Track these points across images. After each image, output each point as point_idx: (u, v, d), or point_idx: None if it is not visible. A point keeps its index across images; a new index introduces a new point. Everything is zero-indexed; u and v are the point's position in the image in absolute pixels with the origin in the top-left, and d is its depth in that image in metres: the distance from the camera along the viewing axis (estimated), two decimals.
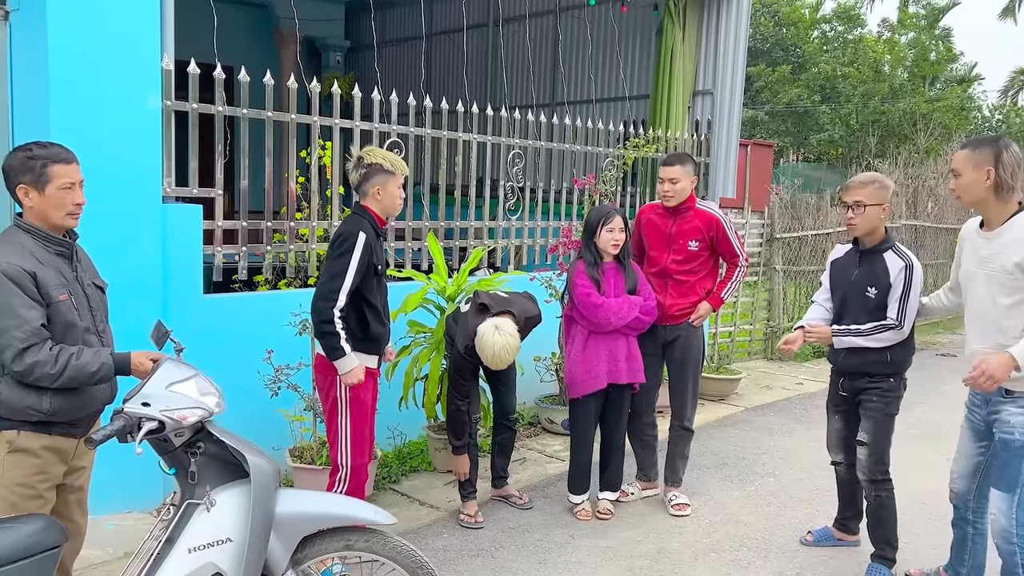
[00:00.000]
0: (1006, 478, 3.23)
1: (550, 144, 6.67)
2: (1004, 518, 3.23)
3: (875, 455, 3.86)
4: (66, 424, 2.72)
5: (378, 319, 3.72)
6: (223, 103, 4.67)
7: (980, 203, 3.28)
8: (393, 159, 3.74)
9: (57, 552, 2.31)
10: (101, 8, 3.93)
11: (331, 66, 12.50)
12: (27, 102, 4.05)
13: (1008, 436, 3.22)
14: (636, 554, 4.14)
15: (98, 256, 3.13)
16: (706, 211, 4.64)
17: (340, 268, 3.55)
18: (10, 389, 2.60)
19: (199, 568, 2.43)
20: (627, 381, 4.36)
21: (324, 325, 3.54)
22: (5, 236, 2.71)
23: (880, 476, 3.88)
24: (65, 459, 2.78)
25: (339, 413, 3.68)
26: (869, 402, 3.85)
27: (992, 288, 3.21)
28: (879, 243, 3.82)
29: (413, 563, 2.74)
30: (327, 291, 3.55)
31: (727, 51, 7.95)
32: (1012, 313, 3.16)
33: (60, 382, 2.59)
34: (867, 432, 3.87)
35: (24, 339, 2.53)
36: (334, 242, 3.67)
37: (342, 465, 3.71)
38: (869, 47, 24.71)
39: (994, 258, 3.20)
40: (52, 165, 2.68)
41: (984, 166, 3.19)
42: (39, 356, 2.55)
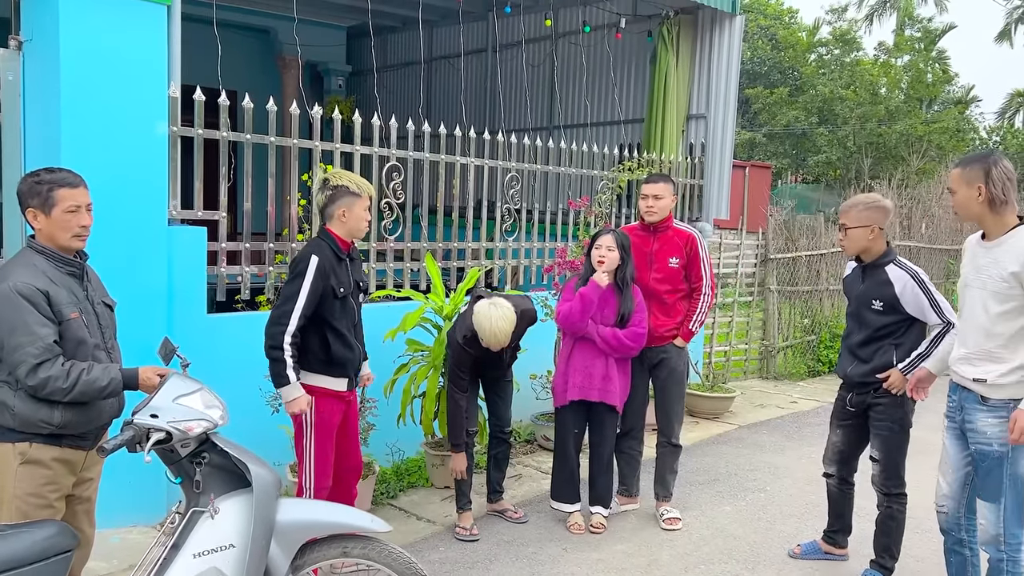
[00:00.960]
0: (990, 488, 3.31)
1: (546, 167, 6.84)
2: (992, 527, 3.31)
3: (887, 470, 3.97)
4: (75, 436, 2.84)
5: (342, 342, 3.74)
6: (227, 129, 4.82)
7: (977, 218, 3.35)
8: (359, 181, 3.79)
9: (69, 556, 2.43)
10: (111, 39, 4.10)
11: (333, 90, 12.72)
12: (39, 128, 4.21)
13: (986, 447, 3.31)
14: (627, 566, 4.24)
15: (107, 276, 3.27)
16: (683, 229, 4.82)
17: (291, 292, 3.57)
18: (23, 402, 2.72)
19: (203, 572, 2.55)
20: (597, 400, 4.48)
21: (272, 351, 3.55)
22: (20, 257, 2.85)
23: (895, 491, 3.99)
24: (74, 470, 2.90)
25: (304, 435, 3.73)
26: (878, 419, 3.96)
27: (985, 295, 3.29)
28: (878, 258, 3.96)
29: (408, 570, 2.85)
30: (278, 315, 3.57)
31: (720, 76, 8.13)
32: (1001, 320, 3.24)
33: (71, 396, 2.71)
34: (878, 449, 3.98)
35: (38, 355, 2.66)
36: (291, 266, 3.71)
37: (306, 488, 3.75)
38: (865, 70, 24.98)
39: (990, 267, 3.28)
40: (58, 189, 2.81)
41: (975, 183, 3.28)
42: (52, 371, 2.67)
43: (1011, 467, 3.26)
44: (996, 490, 3.29)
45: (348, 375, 3.85)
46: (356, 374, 3.95)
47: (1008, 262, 3.22)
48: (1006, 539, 3.29)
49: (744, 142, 26.50)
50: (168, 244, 4.46)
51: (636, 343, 4.48)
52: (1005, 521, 3.28)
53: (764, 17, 29.02)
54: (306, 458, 3.77)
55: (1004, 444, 3.25)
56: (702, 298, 4.79)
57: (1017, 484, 3.27)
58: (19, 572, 2.25)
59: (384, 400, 5.11)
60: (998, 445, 3.27)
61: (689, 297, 4.81)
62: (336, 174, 3.84)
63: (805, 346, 9.87)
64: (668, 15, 8.08)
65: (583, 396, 4.49)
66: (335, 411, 3.81)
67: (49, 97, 4.07)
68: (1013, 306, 3.21)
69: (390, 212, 5.61)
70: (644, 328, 4.51)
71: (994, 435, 3.28)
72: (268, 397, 4.53)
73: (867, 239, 3.91)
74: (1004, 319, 3.23)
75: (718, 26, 8.09)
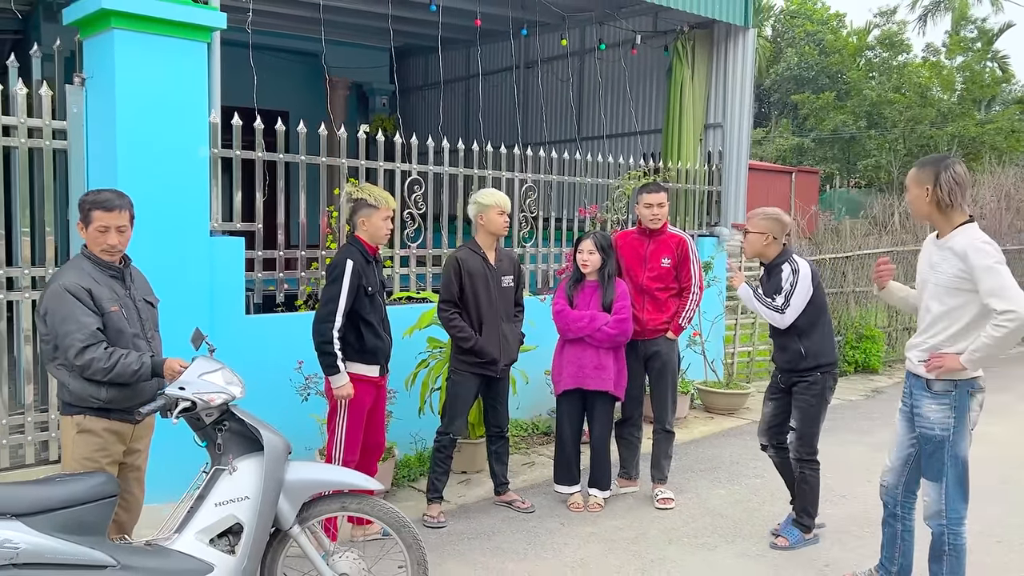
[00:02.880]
0: (933, 468, 3.64)
1: (561, 177, 7.31)
2: (935, 504, 3.64)
3: (803, 438, 4.51)
4: (121, 411, 3.37)
5: (374, 333, 4.36)
6: (262, 150, 5.42)
7: (927, 217, 3.64)
8: (378, 193, 4.39)
9: (114, 500, 3.00)
10: (158, 73, 4.71)
11: (377, 109, 13.39)
12: (99, 152, 4.84)
13: (928, 431, 3.63)
14: (616, 538, 4.67)
15: (157, 280, 3.82)
16: (676, 233, 5.26)
17: (333, 294, 4.20)
18: (76, 381, 3.28)
19: (223, 518, 3.10)
20: (593, 388, 4.91)
21: (324, 346, 4.20)
22: (72, 261, 3.46)
23: (806, 456, 4.53)
24: (124, 440, 3.45)
25: (338, 414, 4.32)
26: (799, 394, 4.49)
27: (940, 291, 3.56)
28: (774, 260, 4.55)
29: (397, 522, 3.35)
30: (324, 314, 4.21)
31: (735, 86, 8.50)
32: (954, 313, 3.52)
33: (110, 376, 3.23)
34: (796, 420, 4.51)
35: (84, 339, 3.19)
36: (328, 271, 4.33)
37: (335, 459, 4.32)
38: (915, 72, 24.78)
39: (942, 263, 3.54)
40: (94, 210, 3.34)
41: (924, 184, 3.54)
42: (95, 354, 3.20)
43: (951, 448, 3.58)
44: (938, 471, 3.61)
45: (379, 362, 4.47)
46: (387, 362, 4.54)
47: (954, 261, 3.50)
48: (947, 514, 3.61)
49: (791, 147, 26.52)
50: (210, 253, 5.05)
51: (617, 329, 4.87)
52: (947, 498, 3.60)
53: (811, 22, 28.98)
54: (337, 434, 4.35)
55: (945, 429, 3.58)
56: (691, 296, 5.22)
57: (958, 464, 3.59)
58: (73, 510, 2.83)
59: (407, 392, 5.64)
60: (940, 430, 3.59)
61: (679, 295, 5.22)
62: (359, 188, 4.44)
63: None
64: (683, 30, 8.48)
65: (578, 384, 4.93)
66: (367, 394, 4.40)
67: (107, 126, 4.70)
68: (964, 299, 3.49)
69: (412, 221, 6.15)
70: (627, 315, 4.91)
71: (936, 420, 3.60)
72: (298, 387, 5.08)
73: (762, 244, 4.50)
74: (956, 312, 3.51)
75: (732, 39, 8.46)
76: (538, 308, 6.32)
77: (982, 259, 3.39)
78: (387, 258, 6.10)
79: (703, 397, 7.79)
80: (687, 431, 6.99)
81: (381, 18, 8.72)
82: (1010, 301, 3.33)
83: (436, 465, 4.90)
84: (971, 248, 3.43)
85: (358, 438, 4.40)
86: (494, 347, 4.83)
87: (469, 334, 4.76)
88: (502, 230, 4.91)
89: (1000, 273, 3.38)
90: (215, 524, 3.10)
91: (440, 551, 4.43)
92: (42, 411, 4.82)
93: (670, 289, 5.22)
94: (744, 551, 4.54)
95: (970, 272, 3.42)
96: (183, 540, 3.06)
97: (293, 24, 9.96)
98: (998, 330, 3.34)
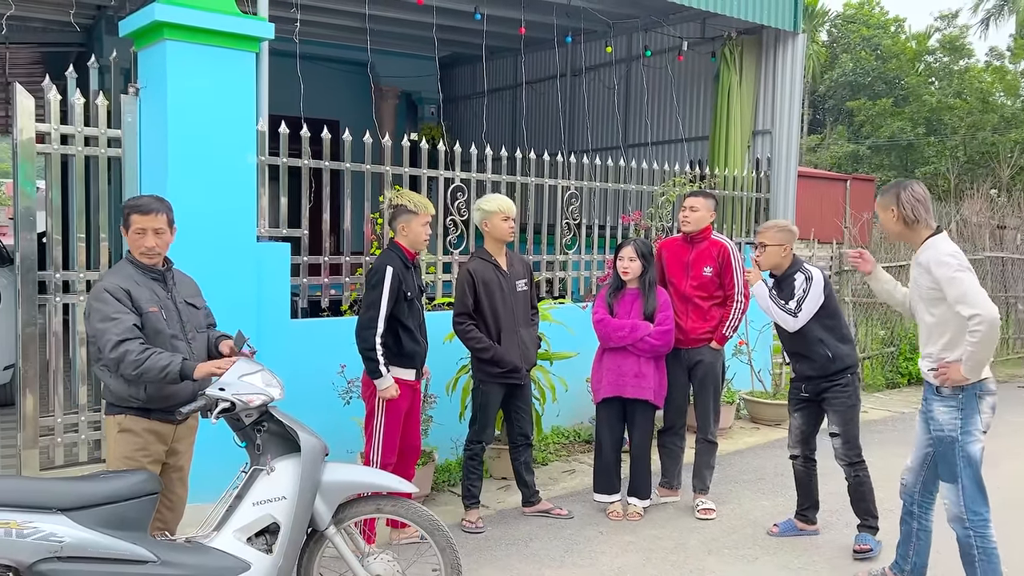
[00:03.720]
0: (947, 470, 3.74)
1: (604, 184, 7.29)
2: (955, 506, 3.71)
3: (848, 442, 4.54)
4: (162, 411, 3.42)
5: (411, 338, 4.40)
6: (308, 157, 5.53)
7: (899, 236, 3.89)
8: (417, 200, 4.42)
9: (155, 498, 3.08)
10: (209, 84, 4.84)
11: (426, 117, 13.52)
12: (152, 160, 4.98)
13: (939, 433, 3.74)
14: (655, 548, 4.63)
15: (204, 285, 3.89)
16: (718, 240, 5.17)
17: (374, 299, 4.26)
18: (116, 382, 3.35)
19: (260, 517, 3.16)
20: (632, 396, 4.87)
21: (367, 352, 4.27)
22: (116, 265, 3.56)
23: (856, 459, 4.55)
24: (164, 440, 3.49)
25: (376, 417, 4.37)
26: (834, 399, 4.52)
27: (924, 304, 3.76)
28: (787, 270, 4.62)
29: (431, 525, 3.37)
30: (367, 320, 4.26)
31: (783, 92, 8.38)
32: (941, 323, 3.68)
33: (139, 370, 3.18)
34: (836, 424, 4.54)
35: (119, 334, 3.23)
36: (368, 276, 4.38)
37: (373, 462, 4.36)
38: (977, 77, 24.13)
39: (919, 277, 3.76)
40: (132, 214, 3.42)
41: (889, 206, 3.80)
42: (130, 347, 3.21)
43: (962, 449, 3.67)
44: (953, 472, 3.70)
45: (416, 366, 4.52)
46: (422, 366, 4.60)
47: (925, 272, 3.68)
48: (968, 516, 3.66)
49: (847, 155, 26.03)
50: (257, 258, 5.16)
51: (661, 340, 4.86)
52: (965, 500, 3.67)
53: (867, 27, 28.43)
54: (375, 437, 4.40)
55: (953, 430, 3.70)
56: (735, 305, 5.13)
57: (971, 464, 3.67)
58: (116, 505, 2.91)
59: (447, 397, 5.68)
60: (948, 431, 3.70)
61: (724, 303, 5.16)
62: (400, 193, 4.50)
63: (884, 358, 9.85)
64: (731, 36, 8.40)
65: (617, 392, 4.90)
66: (404, 397, 4.45)
67: (159, 134, 4.84)
68: (943, 310, 3.64)
69: (455, 228, 6.20)
70: (670, 325, 4.88)
71: (945, 422, 3.72)
72: (340, 391, 5.15)
73: (780, 256, 4.56)
74: (940, 321, 3.68)
75: (781, 44, 8.36)
76: (578, 315, 6.31)
77: (943, 271, 3.59)
78: (430, 264, 6.15)
79: (749, 407, 7.67)
80: (732, 441, 6.89)
81: (427, 27, 8.81)
82: (974, 305, 3.48)
83: (470, 472, 4.92)
84: (934, 262, 3.63)
85: (396, 440, 4.44)
86: (514, 355, 4.82)
87: (487, 344, 4.75)
88: (507, 236, 4.86)
89: (961, 281, 3.55)
90: (253, 523, 3.15)
91: (477, 556, 4.44)
92: (95, 411, 4.97)
93: (714, 297, 5.15)
94: (786, 563, 4.46)
95: (937, 283, 3.62)
96: (221, 538, 3.12)
97: (341, 34, 10.13)
98: (973, 335, 3.49)
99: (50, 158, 4.81)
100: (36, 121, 4.69)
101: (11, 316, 5.31)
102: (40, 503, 2.86)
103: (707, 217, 5.16)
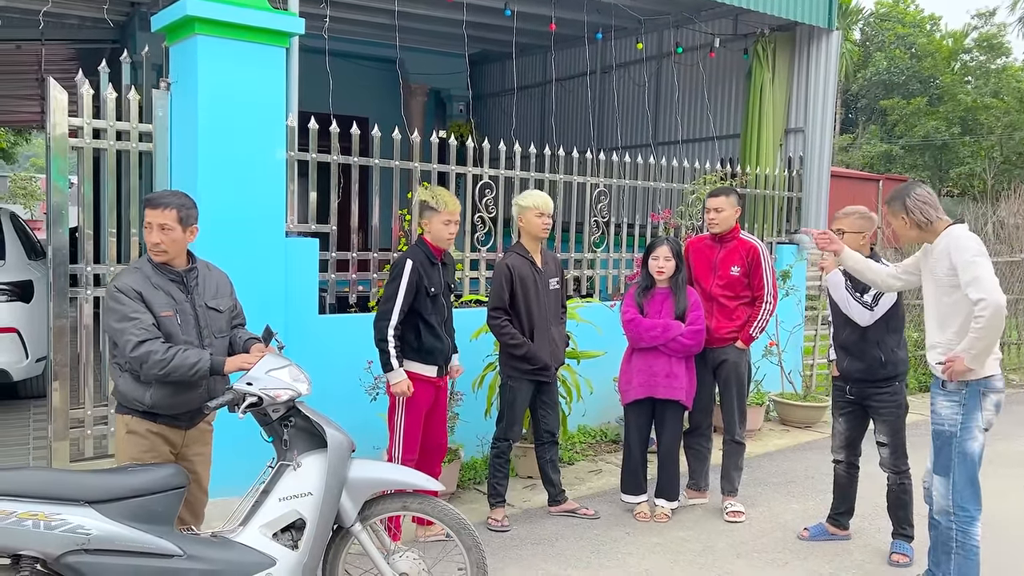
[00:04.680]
0: (941, 463, 3.75)
1: (634, 182, 7.22)
2: (943, 498, 3.74)
3: (896, 451, 4.44)
4: (169, 416, 3.35)
5: (432, 334, 4.37)
6: (337, 153, 5.52)
7: (917, 239, 3.87)
8: (441, 198, 4.39)
9: (182, 491, 3.07)
10: (238, 78, 4.85)
11: (455, 115, 13.51)
12: (182, 154, 5.01)
13: (938, 426, 3.75)
14: (682, 550, 4.57)
15: (235, 279, 3.88)
16: (747, 240, 5.09)
17: (392, 292, 4.26)
18: (126, 383, 3.30)
19: (286, 513, 3.14)
20: (664, 396, 4.81)
21: (380, 343, 4.28)
22: (136, 262, 3.47)
23: (902, 468, 4.45)
24: (172, 444, 3.40)
25: (396, 413, 4.36)
26: (882, 408, 4.39)
27: (939, 291, 3.76)
28: None
29: (457, 524, 3.34)
30: (382, 312, 4.27)
31: (817, 90, 8.25)
32: (952, 310, 3.69)
33: (167, 369, 3.12)
34: (884, 434, 4.42)
35: (139, 334, 3.16)
36: (391, 270, 4.38)
37: (395, 458, 4.35)
38: (1015, 76, 23.68)
39: (935, 265, 3.75)
40: (145, 208, 3.32)
41: (899, 215, 3.82)
42: (152, 347, 3.16)
43: (959, 445, 3.68)
44: (946, 465, 3.72)
45: (438, 363, 4.48)
46: (446, 363, 4.57)
47: (943, 260, 3.68)
48: (955, 511, 3.69)
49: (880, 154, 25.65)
50: (285, 253, 5.16)
51: (693, 340, 4.79)
52: (954, 494, 3.69)
53: (902, 26, 28.00)
54: (396, 433, 4.39)
55: (953, 425, 3.71)
56: (763, 306, 5.06)
57: (966, 461, 3.67)
58: (143, 499, 2.92)
59: (473, 395, 5.65)
60: (948, 425, 3.73)
61: (751, 303, 5.08)
62: (424, 190, 4.47)
63: (917, 360, 9.67)
64: (764, 33, 8.29)
65: (648, 393, 4.84)
66: (425, 394, 4.42)
67: (189, 129, 4.86)
68: (958, 296, 3.63)
69: (483, 225, 6.17)
70: (701, 325, 4.82)
71: (945, 416, 3.73)
72: (367, 387, 5.14)
73: (858, 244, 4.40)
74: (954, 309, 3.69)
75: (815, 42, 8.23)
76: (606, 314, 6.26)
77: (962, 254, 3.59)
78: (458, 261, 6.12)
79: (779, 409, 7.57)
80: (761, 443, 6.80)
81: (457, 24, 8.79)
82: (982, 290, 3.49)
83: (496, 470, 4.89)
84: (953, 245, 3.65)
85: (416, 437, 4.42)
86: (545, 352, 4.79)
87: (521, 341, 4.72)
88: (541, 232, 4.86)
89: (977, 264, 3.55)
90: (279, 519, 3.14)
91: (502, 555, 4.41)
92: None
93: (740, 298, 5.08)
94: (815, 569, 4.38)
95: (954, 268, 3.62)
96: (247, 533, 3.11)
97: (371, 31, 10.14)
98: (978, 321, 3.50)
99: (82, 153, 4.85)
100: (69, 116, 4.72)
101: (44, 309, 5.36)
102: (68, 495, 2.87)
103: (733, 215, 5.08)
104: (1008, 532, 4.78)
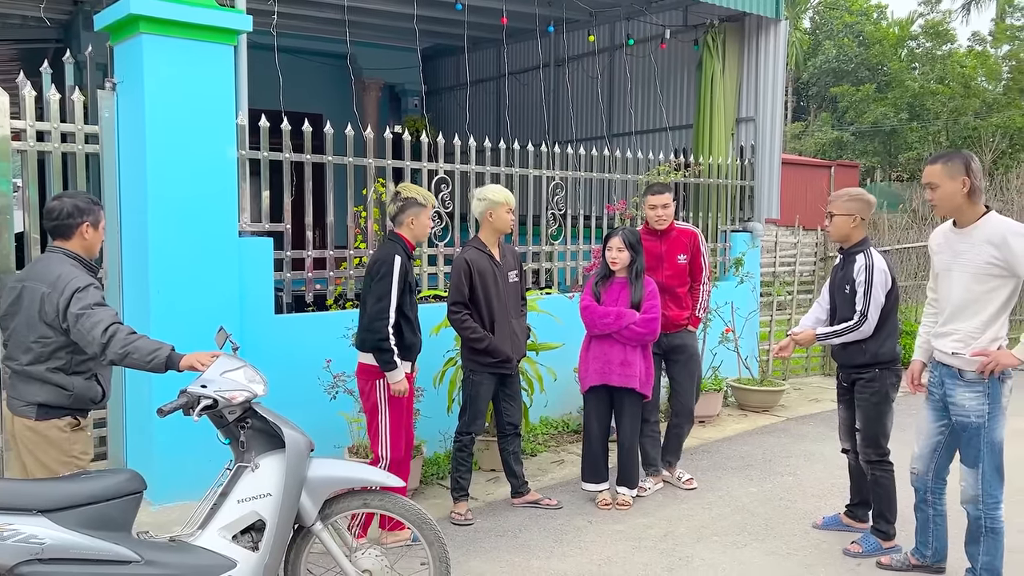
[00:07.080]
0: (970, 455, 3.72)
1: (589, 174, 7.27)
2: (972, 488, 3.71)
3: (867, 439, 4.34)
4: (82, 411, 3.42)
5: (412, 330, 4.38)
6: (289, 151, 5.47)
7: (957, 210, 3.66)
8: (425, 193, 4.43)
9: (139, 497, 3.04)
10: (186, 78, 4.78)
11: (410, 109, 13.44)
12: (130, 156, 4.92)
13: (964, 419, 3.69)
14: (644, 536, 4.63)
15: (186, 280, 3.86)
16: (685, 228, 5.35)
17: (384, 291, 4.20)
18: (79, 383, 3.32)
19: (246, 515, 3.12)
20: (619, 384, 4.88)
21: (380, 343, 4.19)
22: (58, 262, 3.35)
23: (875, 458, 4.34)
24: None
25: (379, 412, 4.33)
26: (859, 393, 4.35)
27: (967, 277, 3.63)
28: (853, 246, 4.32)
29: (419, 519, 3.35)
30: (377, 312, 4.20)
31: (767, 79, 8.37)
32: (983, 299, 3.61)
33: (125, 349, 3.14)
34: (859, 420, 4.36)
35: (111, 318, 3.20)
36: (372, 268, 4.32)
37: (382, 457, 4.34)
38: (959, 62, 24.25)
39: (969, 251, 3.62)
40: (100, 210, 3.48)
41: (959, 176, 3.59)
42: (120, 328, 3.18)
43: (987, 435, 3.65)
44: (975, 457, 3.69)
45: (413, 359, 4.50)
46: (416, 359, 4.56)
47: (986, 249, 3.56)
48: (983, 499, 3.67)
49: (831, 141, 26.09)
50: (239, 253, 5.11)
51: (647, 328, 4.85)
52: (983, 483, 3.67)
53: (849, 14, 28.49)
54: (382, 433, 4.35)
55: (980, 416, 3.64)
56: (702, 288, 5.35)
57: (994, 449, 3.66)
58: (98, 506, 2.88)
59: (435, 390, 5.65)
60: (975, 417, 3.66)
61: (692, 289, 5.31)
62: (406, 187, 4.47)
63: None
64: (713, 24, 8.38)
65: (603, 381, 4.90)
66: (409, 391, 4.40)
67: (137, 129, 4.78)
68: (994, 284, 3.57)
69: (439, 220, 6.16)
70: (656, 314, 4.89)
71: (972, 408, 3.66)
72: (326, 386, 5.12)
73: (849, 227, 4.28)
74: (986, 297, 3.60)
75: (763, 32, 8.34)
76: (566, 306, 6.30)
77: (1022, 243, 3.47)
78: (415, 257, 6.11)
79: (737, 394, 7.69)
80: (719, 428, 6.91)
81: (408, 18, 8.74)
82: None
83: (459, 464, 4.90)
84: (1010, 234, 3.50)
85: (401, 435, 4.40)
86: (507, 345, 4.82)
87: (482, 334, 4.74)
88: (509, 227, 4.92)
89: None
90: (238, 521, 3.12)
91: (466, 548, 4.43)
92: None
93: (686, 284, 5.34)
94: (774, 549, 4.47)
95: (1009, 258, 3.49)
96: (206, 536, 3.09)
97: (321, 26, 10.04)
98: None
99: (26, 156, 4.74)
100: (12, 119, 4.62)
101: None
102: (20, 505, 2.82)
103: (673, 209, 5.29)
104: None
